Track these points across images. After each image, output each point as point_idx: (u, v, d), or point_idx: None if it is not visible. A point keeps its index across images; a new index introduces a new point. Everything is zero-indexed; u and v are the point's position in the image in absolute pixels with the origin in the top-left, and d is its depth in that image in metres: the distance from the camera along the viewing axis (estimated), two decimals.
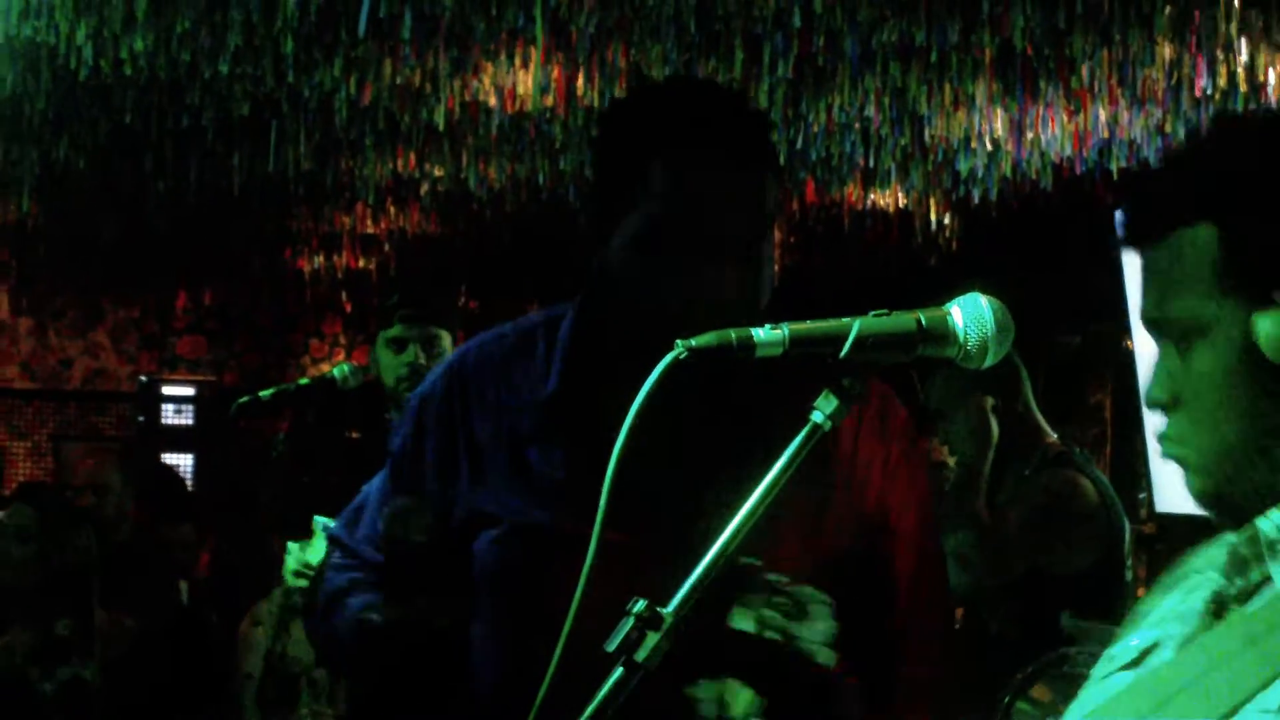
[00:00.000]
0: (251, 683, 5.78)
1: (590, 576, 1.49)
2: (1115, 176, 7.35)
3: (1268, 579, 1.40)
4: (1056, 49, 6.12)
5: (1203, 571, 1.53)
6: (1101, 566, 4.30)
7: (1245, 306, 1.41)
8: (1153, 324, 1.50)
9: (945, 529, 3.69)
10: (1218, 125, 1.54)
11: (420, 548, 2.29)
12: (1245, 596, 1.42)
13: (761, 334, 1.48)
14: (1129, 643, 1.54)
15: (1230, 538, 1.52)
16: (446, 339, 4.43)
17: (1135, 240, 1.51)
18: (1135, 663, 1.49)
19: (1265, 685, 1.31)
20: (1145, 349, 4.57)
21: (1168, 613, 1.54)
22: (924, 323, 1.51)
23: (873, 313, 1.52)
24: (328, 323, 11.87)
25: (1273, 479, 1.42)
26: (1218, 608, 1.45)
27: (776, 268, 2.19)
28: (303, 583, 4.10)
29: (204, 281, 11.58)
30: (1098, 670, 1.59)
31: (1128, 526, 4.40)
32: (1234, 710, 1.31)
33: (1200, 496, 1.48)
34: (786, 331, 1.48)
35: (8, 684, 4.30)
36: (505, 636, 2.21)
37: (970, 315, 1.51)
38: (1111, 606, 4.15)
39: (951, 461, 4.51)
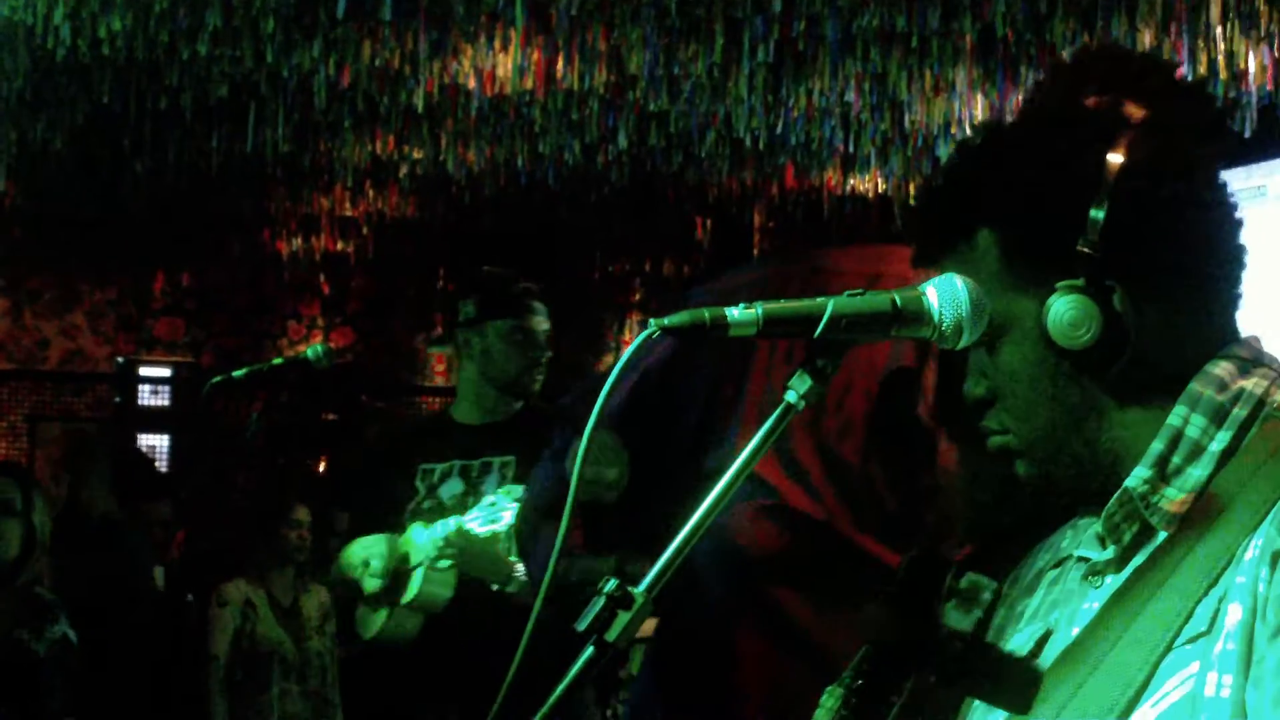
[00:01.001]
0: (217, 664, 5.74)
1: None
2: None
3: (1146, 533, 1.48)
4: (1037, 35, 6.13)
5: (1065, 560, 1.58)
6: None
7: (1034, 299, 1.51)
8: None
9: None
10: (982, 138, 1.61)
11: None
12: (1123, 557, 1.49)
13: (735, 313, 1.47)
14: (1011, 644, 1.58)
15: (1068, 528, 1.62)
16: None
17: (925, 261, 1.60)
18: (1033, 654, 1.53)
19: (1186, 617, 1.40)
20: None
21: (1040, 607, 1.58)
22: (898, 302, 1.50)
23: (848, 292, 1.51)
24: (305, 304, 11.83)
25: (1090, 453, 1.52)
26: (1099, 577, 1.51)
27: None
28: (377, 582, 3.98)
29: (182, 263, 11.55)
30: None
31: None
32: (1169, 646, 1.39)
33: (1029, 481, 1.57)
34: (760, 311, 1.47)
35: (2, 647, 4.36)
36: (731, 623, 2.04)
37: (945, 295, 1.51)
38: None
39: None
